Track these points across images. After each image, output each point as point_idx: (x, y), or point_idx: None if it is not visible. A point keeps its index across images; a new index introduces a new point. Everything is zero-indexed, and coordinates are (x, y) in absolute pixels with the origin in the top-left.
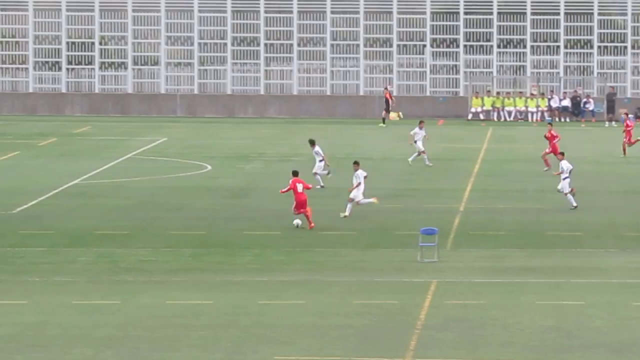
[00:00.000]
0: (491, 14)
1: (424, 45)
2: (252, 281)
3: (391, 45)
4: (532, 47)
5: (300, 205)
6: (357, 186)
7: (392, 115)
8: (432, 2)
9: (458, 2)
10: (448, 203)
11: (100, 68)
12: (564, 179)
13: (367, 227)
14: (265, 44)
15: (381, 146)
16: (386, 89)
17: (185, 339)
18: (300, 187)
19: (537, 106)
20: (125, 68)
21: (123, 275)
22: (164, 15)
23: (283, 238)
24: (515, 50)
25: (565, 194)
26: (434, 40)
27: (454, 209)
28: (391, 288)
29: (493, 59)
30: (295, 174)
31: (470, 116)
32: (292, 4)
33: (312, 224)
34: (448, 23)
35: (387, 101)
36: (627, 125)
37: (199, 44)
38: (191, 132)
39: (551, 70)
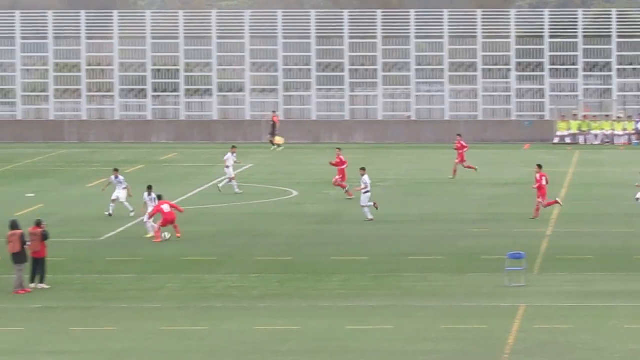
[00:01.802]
0: (576, 37)
1: (509, 69)
2: (340, 306)
3: (476, 70)
4: (618, 70)
5: (168, 222)
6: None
7: (278, 139)
8: (516, 26)
9: (543, 25)
10: (535, 227)
11: (186, 95)
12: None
13: (454, 251)
14: (350, 70)
15: (466, 171)
16: (274, 112)
17: None
18: (166, 208)
19: (624, 129)
20: (211, 95)
21: (211, 301)
22: (248, 42)
23: (370, 263)
24: (601, 73)
25: None
26: (519, 64)
27: (541, 233)
28: (479, 313)
29: (579, 82)
30: (159, 197)
31: (556, 140)
32: (376, 29)
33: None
34: (533, 47)
35: (273, 125)
36: None
37: (284, 70)
38: (277, 158)
39: (638, 94)
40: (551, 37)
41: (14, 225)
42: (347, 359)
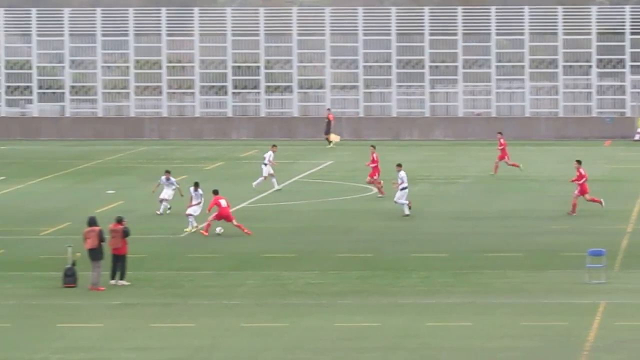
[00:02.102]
0: None
1: (590, 66)
2: (420, 303)
3: (557, 67)
4: None
5: (223, 218)
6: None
7: (333, 136)
8: (597, 22)
9: (624, 22)
10: (615, 224)
11: (266, 92)
12: None
13: (533, 248)
14: (430, 67)
15: (547, 168)
16: (328, 110)
17: None
18: (224, 203)
19: None
20: (291, 92)
21: (291, 298)
22: (328, 39)
23: (450, 260)
24: None
25: None
26: (600, 60)
27: (622, 230)
28: (559, 309)
29: None
30: (215, 192)
31: (637, 137)
32: (456, 26)
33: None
34: (614, 43)
35: (328, 123)
36: None
37: (364, 67)
38: (357, 155)
39: None
40: (632, 33)
41: (92, 222)
42: (426, 356)
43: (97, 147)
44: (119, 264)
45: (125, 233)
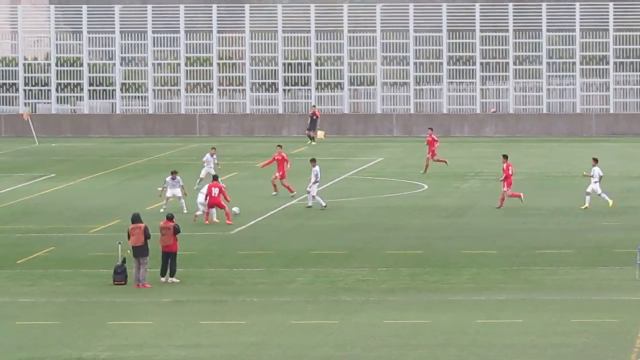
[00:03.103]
0: None
1: None
2: (470, 300)
3: (607, 63)
4: None
5: (214, 206)
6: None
7: (320, 133)
8: None
9: None
10: None
11: (317, 88)
12: None
13: (584, 245)
14: (481, 63)
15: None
16: (314, 106)
17: (403, 358)
18: (215, 191)
19: None
20: (342, 88)
21: (341, 295)
22: (379, 35)
23: (500, 257)
24: None
25: None
26: None
27: None
28: (610, 306)
29: None
30: (215, 178)
31: None
32: (507, 22)
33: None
34: None
35: (314, 119)
36: None
37: (415, 63)
38: (407, 151)
39: None
40: None
41: (136, 219)
42: (476, 353)
43: (147, 144)
44: (169, 261)
45: (176, 230)
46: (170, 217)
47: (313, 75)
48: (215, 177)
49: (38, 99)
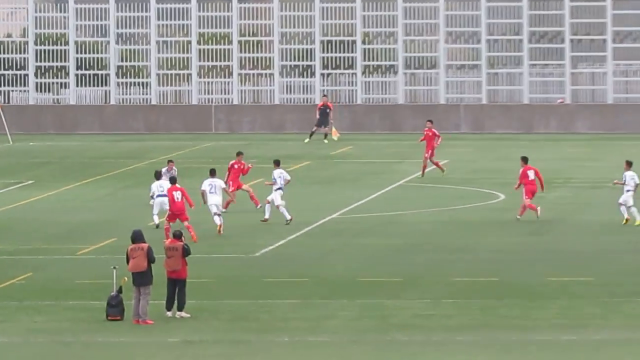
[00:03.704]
0: None
1: None
2: (559, 341)
3: None
4: None
5: (174, 215)
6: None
7: (335, 131)
8: None
9: None
10: None
11: (364, 73)
12: None
13: None
14: (572, 40)
15: None
16: (324, 96)
17: None
18: (177, 196)
19: None
20: (395, 73)
21: (394, 333)
22: (443, 6)
23: (598, 285)
24: None
25: None
26: None
27: None
28: None
29: None
30: (173, 180)
31: None
32: None
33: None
34: None
35: (325, 112)
36: None
37: (488, 41)
38: (478, 151)
39: None
40: None
41: (137, 237)
42: None
43: (150, 142)
44: (177, 291)
45: (186, 252)
46: (178, 235)
47: (359, 55)
48: (173, 180)
49: (12, 86)
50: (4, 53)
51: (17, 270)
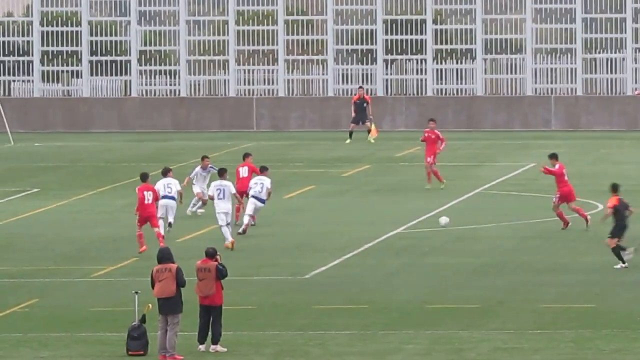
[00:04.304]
0: None
1: None
2: None
3: None
4: None
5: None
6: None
7: (374, 129)
8: None
9: None
10: None
11: (434, 59)
12: None
13: None
14: None
15: None
16: (360, 87)
17: None
18: (148, 197)
19: None
20: (473, 58)
21: None
22: None
23: None
24: None
25: None
26: None
27: None
28: None
29: None
30: (144, 178)
31: None
32: None
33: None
34: None
35: (364, 105)
36: None
37: (584, 20)
38: (572, 152)
39: None
40: None
41: (164, 256)
42: None
43: (178, 142)
44: (211, 320)
45: (220, 273)
46: (211, 254)
47: (430, 38)
48: (144, 176)
49: (13, 75)
50: (3, 36)
51: (19, 296)
